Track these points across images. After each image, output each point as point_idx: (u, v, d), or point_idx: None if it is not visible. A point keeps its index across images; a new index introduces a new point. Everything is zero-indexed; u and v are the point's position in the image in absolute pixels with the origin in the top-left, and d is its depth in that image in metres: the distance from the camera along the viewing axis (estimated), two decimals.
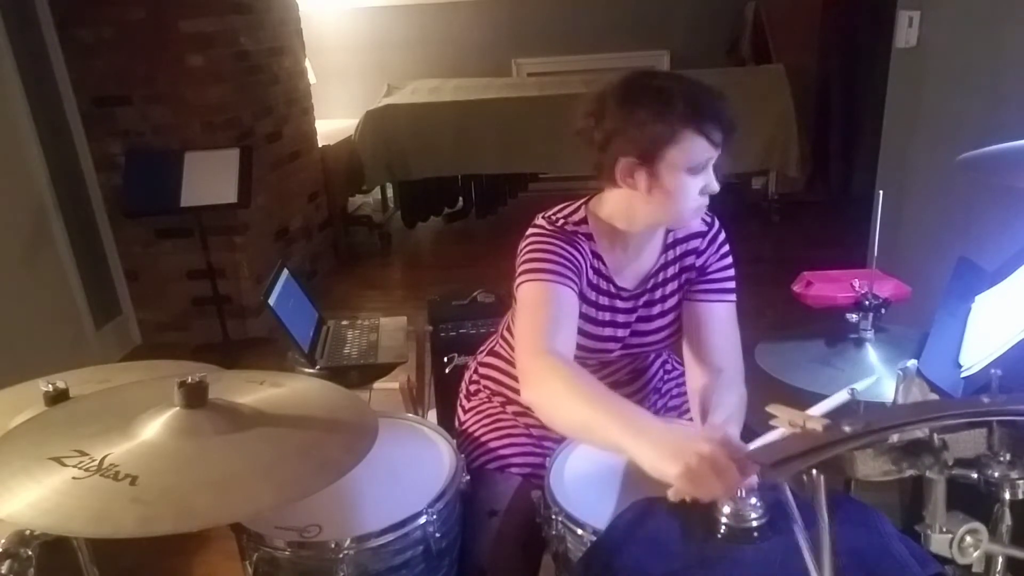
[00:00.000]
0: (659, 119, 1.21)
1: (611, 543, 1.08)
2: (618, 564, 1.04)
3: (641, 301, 1.43)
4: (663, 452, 1.00)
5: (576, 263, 1.32)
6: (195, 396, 0.99)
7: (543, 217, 1.38)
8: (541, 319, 1.25)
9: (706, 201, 1.30)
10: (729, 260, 1.44)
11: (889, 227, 1.49)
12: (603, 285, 1.38)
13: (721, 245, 1.44)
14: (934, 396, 1.16)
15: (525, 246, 1.35)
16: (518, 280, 1.32)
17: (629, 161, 1.25)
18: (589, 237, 1.35)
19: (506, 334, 1.61)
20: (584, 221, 1.37)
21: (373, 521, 1.22)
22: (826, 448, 0.73)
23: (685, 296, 1.43)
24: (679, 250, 1.43)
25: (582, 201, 1.40)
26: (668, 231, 1.42)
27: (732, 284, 1.42)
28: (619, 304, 1.41)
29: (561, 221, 1.36)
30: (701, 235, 1.43)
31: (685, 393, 1.50)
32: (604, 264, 1.36)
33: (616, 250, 1.38)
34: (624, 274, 1.41)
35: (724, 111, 1.24)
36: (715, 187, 1.27)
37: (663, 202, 1.27)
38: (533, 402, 1.20)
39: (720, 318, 1.40)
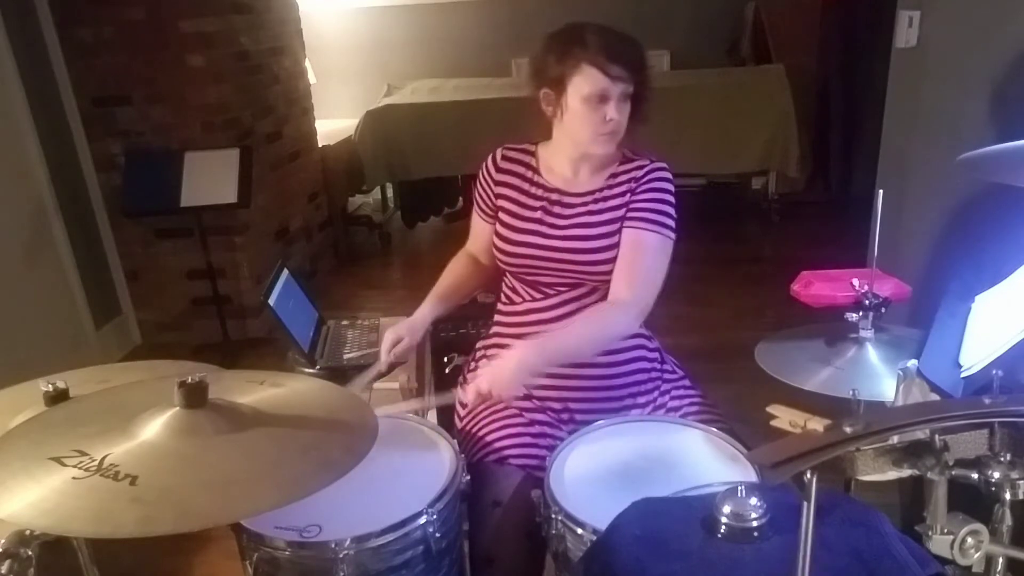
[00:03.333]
0: (564, 57, 1.49)
1: (611, 543, 1.08)
2: (618, 564, 1.04)
3: (584, 207, 1.59)
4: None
5: (484, 189, 1.69)
6: (195, 396, 0.99)
7: (500, 147, 1.69)
8: (471, 231, 1.77)
9: (611, 129, 1.50)
10: (657, 195, 1.56)
11: (889, 227, 1.49)
12: (531, 188, 1.63)
13: (654, 179, 1.57)
14: (934, 396, 1.16)
15: None
16: None
17: (545, 92, 1.54)
18: (530, 154, 1.67)
19: (501, 307, 1.71)
20: (533, 143, 1.68)
21: (373, 521, 1.22)
22: (827, 449, 0.73)
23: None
24: (622, 177, 1.60)
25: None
26: (621, 164, 1.61)
27: (653, 216, 1.54)
28: (551, 208, 1.60)
29: (508, 144, 1.69)
30: (641, 167, 1.60)
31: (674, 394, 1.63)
32: (537, 173, 1.64)
33: (556, 167, 1.63)
34: (573, 181, 1.62)
35: (626, 49, 1.49)
36: (615, 116, 1.49)
37: (571, 125, 1.53)
38: None
39: (629, 242, 1.54)
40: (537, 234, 1.59)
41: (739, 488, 1.05)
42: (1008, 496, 0.79)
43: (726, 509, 1.04)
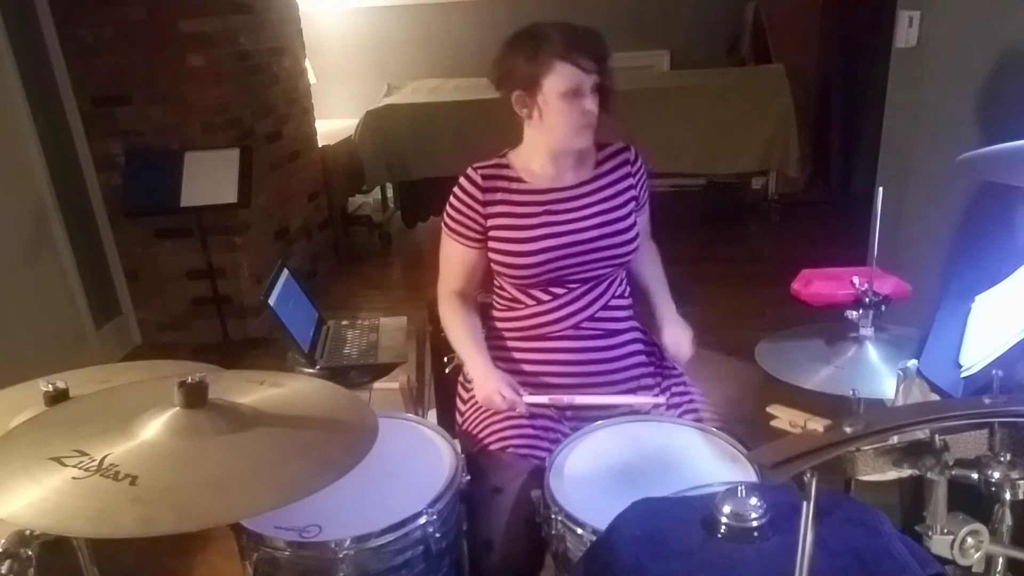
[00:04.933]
0: (534, 57, 1.49)
1: (611, 543, 1.08)
2: (618, 564, 1.04)
3: (587, 197, 1.63)
4: (476, 384, 1.58)
5: (469, 213, 1.62)
6: (195, 396, 0.99)
7: (470, 167, 1.65)
8: (444, 268, 1.71)
9: (590, 122, 1.54)
10: (646, 180, 1.72)
11: (889, 227, 1.50)
12: (525, 196, 1.62)
13: (643, 166, 1.70)
14: (934, 396, 1.16)
15: (450, 196, 1.66)
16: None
17: (519, 94, 1.54)
18: (504, 167, 1.64)
19: (499, 314, 1.69)
20: (503, 156, 1.66)
21: (373, 521, 1.22)
22: (827, 449, 0.73)
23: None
24: (610, 164, 1.67)
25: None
26: (598, 152, 1.66)
27: (647, 194, 1.73)
28: (555, 207, 1.61)
29: (478, 165, 1.65)
30: (625, 149, 1.69)
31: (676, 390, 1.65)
32: (523, 181, 1.62)
33: (537, 170, 1.63)
34: (559, 178, 1.63)
35: (593, 43, 1.51)
36: (592, 108, 1.52)
37: (550, 124, 1.53)
38: (442, 324, 1.71)
39: (640, 223, 1.71)
40: (550, 236, 1.58)
41: (739, 488, 1.05)
42: (1008, 496, 0.79)
43: (726, 509, 1.04)
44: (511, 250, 1.59)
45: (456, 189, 1.65)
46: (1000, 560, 0.81)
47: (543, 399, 1.56)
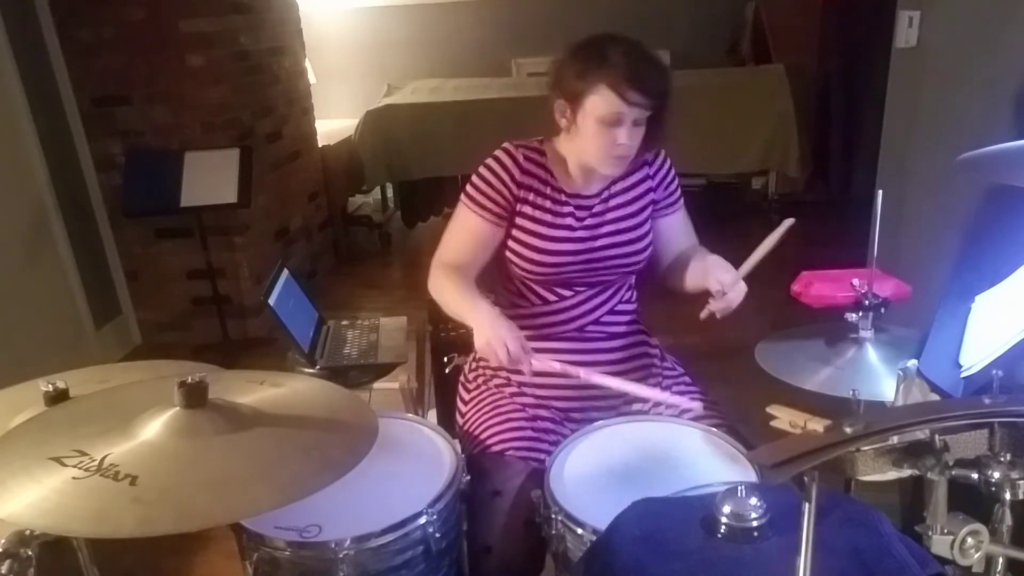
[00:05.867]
0: (583, 74, 1.45)
1: (611, 543, 1.08)
2: (618, 564, 1.04)
3: (608, 205, 1.61)
4: (479, 329, 1.42)
5: (502, 189, 1.56)
6: (195, 396, 0.99)
7: (509, 143, 1.61)
8: (450, 241, 1.62)
9: (619, 153, 1.49)
10: (675, 179, 1.68)
11: (889, 227, 1.50)
12: (554, 195, 1.59)
13: (668, 167, 1.66)
14: (934, 396, 1.16)
15: (480, 166, 1.61)
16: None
17: (560, 103, 1.51)
18: (542, 154, 1.61)
19: (503, 311, 1.65)
20: (541, 142, 1.63)
21: (373, 521, 1.22)
22: (827, 449, 0.73)
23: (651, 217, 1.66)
24: (627, 181, 1.63)
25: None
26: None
27: (680, 195, 1.69)
28: (578, 213, 1.59)
29: (519, 144, 1.61)
30: (646, 164, 1.64)
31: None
32: (554, 178, 1.60)
33: (566, 171, 1.61)
34: (586, 186, 1.61)
35: (649, 74, 1.45)
36: (626, 140, 1.47)
37: (578, 142, 1.52)
38: (431, 292, 1.58)
39: (674, 225, 1.68)
40: (571, 240, 1.57)
41: (739, 488, 1.05)
42: (1008, 496, 0.79)
43: (726, 509, 1.04)
44: (531, 243, 1.57)
45: (491, 161, 1.58)
46: (1000, 560, 0.81)
47: (555, 365, 1.45)
